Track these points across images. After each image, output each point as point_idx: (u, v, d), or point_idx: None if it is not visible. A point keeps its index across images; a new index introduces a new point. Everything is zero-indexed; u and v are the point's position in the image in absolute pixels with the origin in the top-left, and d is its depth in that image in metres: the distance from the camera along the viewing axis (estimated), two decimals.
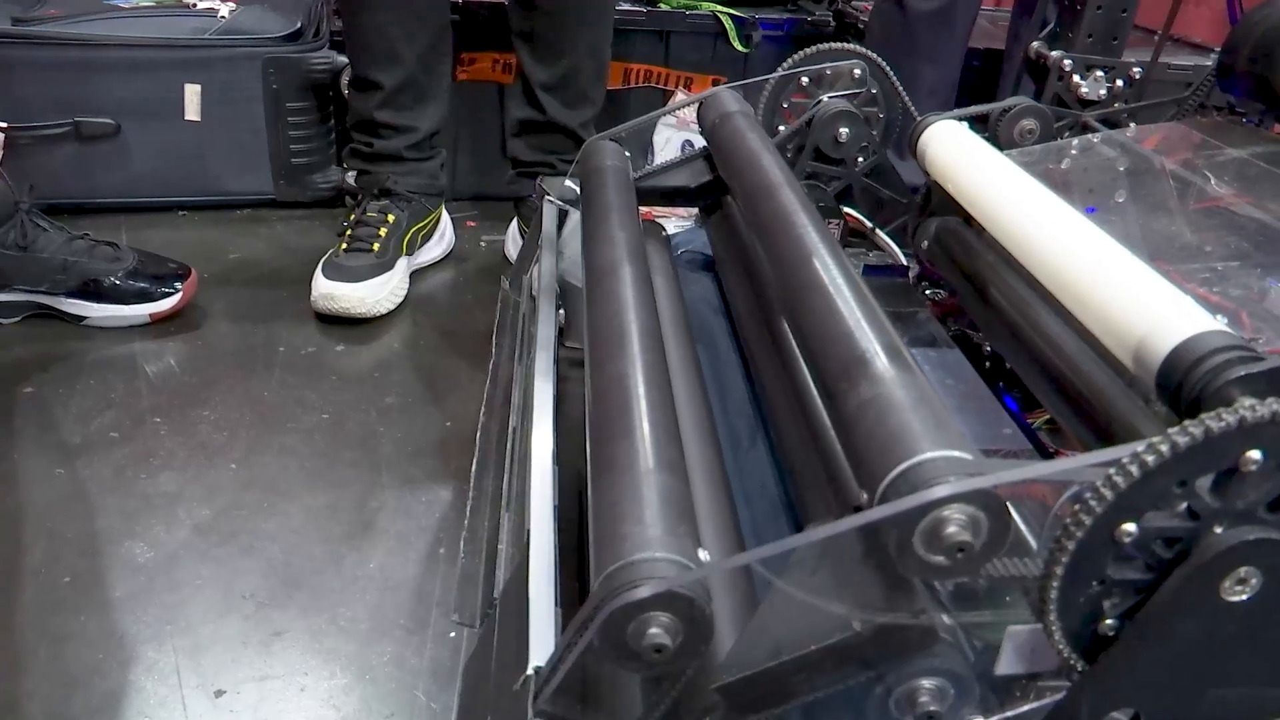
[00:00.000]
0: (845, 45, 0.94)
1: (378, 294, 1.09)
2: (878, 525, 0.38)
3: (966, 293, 0.81)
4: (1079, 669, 0.41)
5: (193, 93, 1.25)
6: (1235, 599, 0.38)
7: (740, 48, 1.40)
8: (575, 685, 0.43)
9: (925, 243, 0.89)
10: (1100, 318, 0.56)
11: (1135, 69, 0.90)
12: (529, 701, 0.41)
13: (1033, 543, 0.48)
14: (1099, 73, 0.89)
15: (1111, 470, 0.36)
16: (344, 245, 1.12)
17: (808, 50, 0.94)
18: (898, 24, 1.22)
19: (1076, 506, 0.37)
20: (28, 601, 0.71)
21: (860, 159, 0.95)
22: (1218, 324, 0.50)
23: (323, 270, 1.10)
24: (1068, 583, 0.39)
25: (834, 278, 0.56)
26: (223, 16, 1.27)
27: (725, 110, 0.88)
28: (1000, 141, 0.87)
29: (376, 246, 1.11)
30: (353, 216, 1.16)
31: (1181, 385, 0.49)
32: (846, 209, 0.96)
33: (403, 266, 1.14)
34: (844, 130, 0.92)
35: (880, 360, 0.47)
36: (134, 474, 0.84)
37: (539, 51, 1.18)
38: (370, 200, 1.16)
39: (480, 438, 0.73)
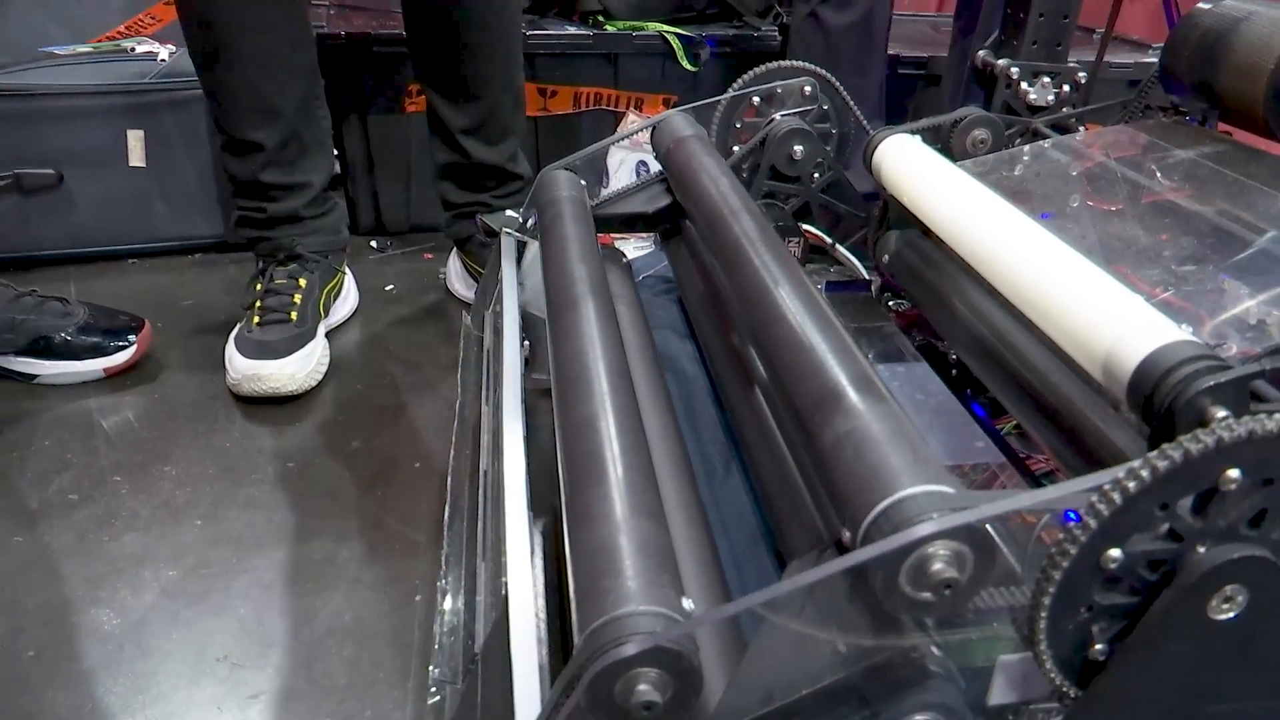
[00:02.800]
0: (795, 64, 0.94)
1: (305, 366, 1.02)
2: (863, 566, 0.38)
3: (929, 305, 0.81)
4: (1071, 695, 0.41)
5: (136, 138, 1.22)
6: (1223, 617, 0.38)
7: (689, 66, 1.41)
8: None
9: (886, 256, 0.90)
10: (1065, 330, 0.56)
11: (1080, 73, 0.91)
12: None
13: (1018, 568, 0.48)
14: (1045, 79, 0.91)
15: (1094, 498, 0.36)
16: (256, 319, 1.03)
17: (757, 70, 0.94)
18: (818, 39, 1.24)
19: (1061, 535, 0.37)
20: None
21: (816, 175, 0.95)
22: (1183, 333, 0.50)
23: (237, 348, 1.01)
24: (1056, 611, 0.38)
25: (798, 307, 0.56)
26: (163, 60, 1.24)
27: (678, 135, 0.87)
28: (953, 152, 0.87)
29: (294, 315, 1.03)
30: (259, 286, 1.07)
31: (1152, 397, 0.49)
32: (806, 226, 0.97)
33: (322, 332, 1.09)
34: (798, 148, 0.92)
35: (852, 393, 0.47)
36: (96, 537, 0.82)
37: (452, 97, 1.13)
38: (276, 267, 1.08)
39: (451, 481, 0.72)
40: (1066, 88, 0.92)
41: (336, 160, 1.36)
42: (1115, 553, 0.37)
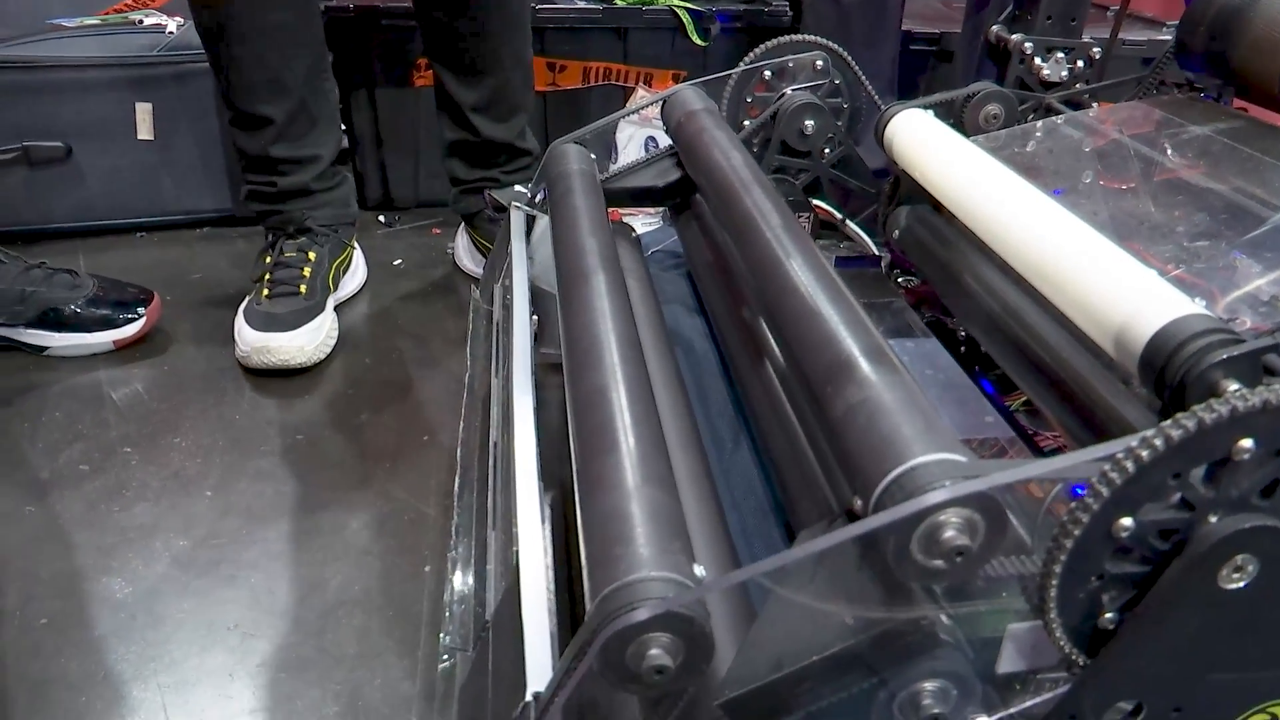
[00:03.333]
0: (807, 37, 0.93)
1: (314, 339, 1.02)
2: (875, 533, 0.38)
3: (939, 280, 0.81)
4: (1080, 663, 0.41)
5: (144, 111, 1.22)
6: (1233, 586, 0.38)
7: (699, 41, 1.40)
8: (574, 709, 0.42)
9: (896, 232, 0.89)
10: (1078, 304, 0.56)
11: (1095, 49, 0.90)
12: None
13: (1028, 539, 0.48)
14: (1059, 54, 0.90)
15: (1107, 467, 0.36)
16: (265, 291, 1.03)
17: (769, 44, 0.93)
18: (831, 13, 1.23)
19: (1073, 504, 0.37)
20: (4, 646, 0.69)
21: (827, 150, 0.95)
22: (1196, 307, 0.50)
23: (246, 320, 1.01)
24: (1067, 580, 0.38)
25: (811, 279, 0.55)
26: (171, 32, 1.24)
27: (689, 108, 0.87)
28: (966, 127, 0.87)
29: (304, 289, 1.03)
30: (268, 259, 1.07)
31: (1165, 371, 0.49)
32: (816, 201, 0.96)
33: (331, 305, 1.08)
34: (809, 122, 0.92)
35: (865, 362, 0.46)
36: (107, 507, 0.83)
37: (462, 74, 1.12)
38: (286, 240, 1.08)
39: (461, 453, 0.72)
40: (1080, 63, 0.91)
41: (345, 134, 1.37)
42: (1127, 521, 0.37)
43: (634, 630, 0.38)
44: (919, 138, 0.80)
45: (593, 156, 0.90)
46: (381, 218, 1.40)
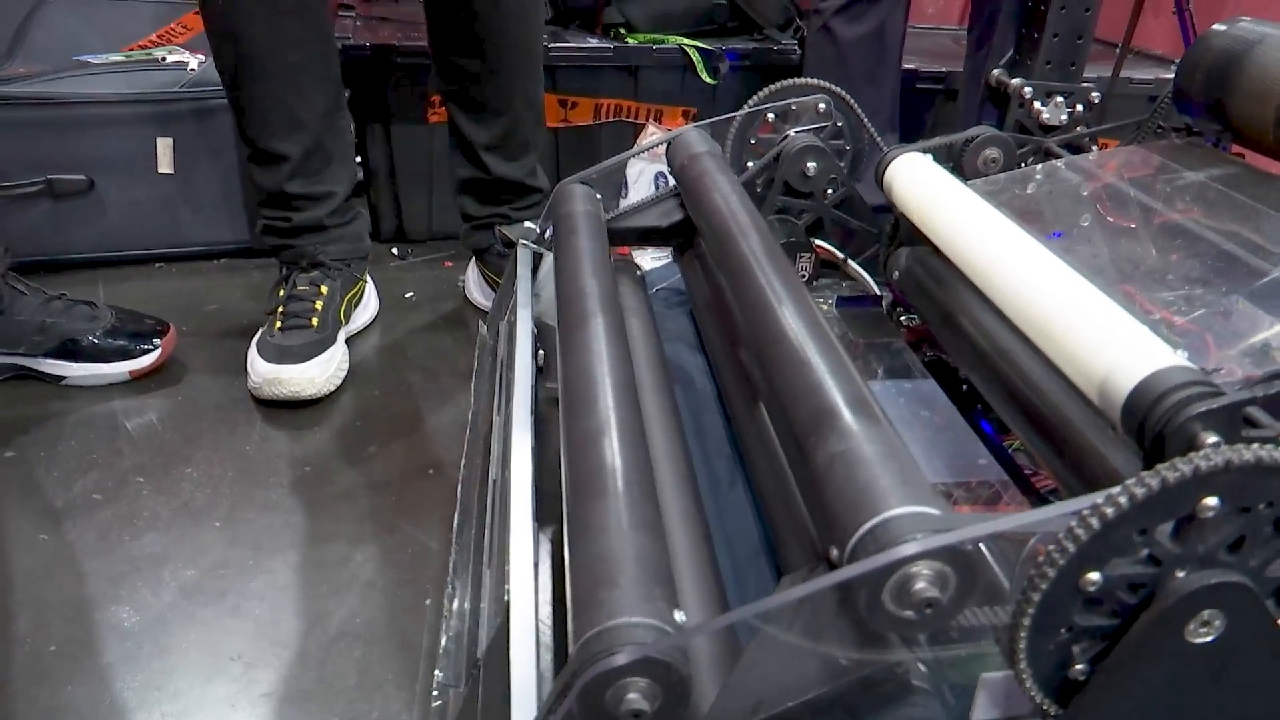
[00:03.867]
0: (810, 80, 0.95)
1: (325, 371, 1.04)
2: (849, 583, 0.39)
3: (936, 322, 0.82)
4: (1053, 714, 0.42)
5: (165, 146, 1.25)
6: (1201, 640, 0.39)
7: (708, 79, 1.42)
8: None
9: (896, 273, 0.90)
10: (1064, 352, 0.57)
11: (1094, 93, 0.91)
12: None
13: (1006, 585, 0.49)
14: (1059, 98, 0.91)
15: (1074, 523, 0.37)
16: (279, 324, 1.05)
17: (773, 86, 0.95)
18: (831, 52, 1.25)
19: (1040, 559, 0.38)
20: (14, 672, 0.70)
21: (830, 191, 0.96)
22: (1178, 358, 0.51)
23: (259, 352, 1.03)
24: (1036, 631, 0.39)
25: (800, 326, 0.57)
26: (192, 69, 1.27)
27: (693, 151, 0.89)
28: (964, 171, 0.88)
29: (315, 322, 1.05)
30: (282, 293, 1.09)
31: (1145, 422, 0.49)
32: (818, 242, 0.98)
33: (342, 338, 1.10)
34: (811, 164, 0.94)
35: (847, 414, 0.48)
36: (118, 536, 0.84)
37: (475, 114, 1.15)
38: (299, 273, 1.10)
39: (461, 490, 0.74)
40: (1080, 107, 0.92)
41: (360, 168, 1.40)
42: (1094, 576, 0.38)
43: (612, 675, 0.39)
44: (918, 181, 0.82)
45: (598, 196, 0.92)
46: (395, 250, 1.43)
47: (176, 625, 0.75)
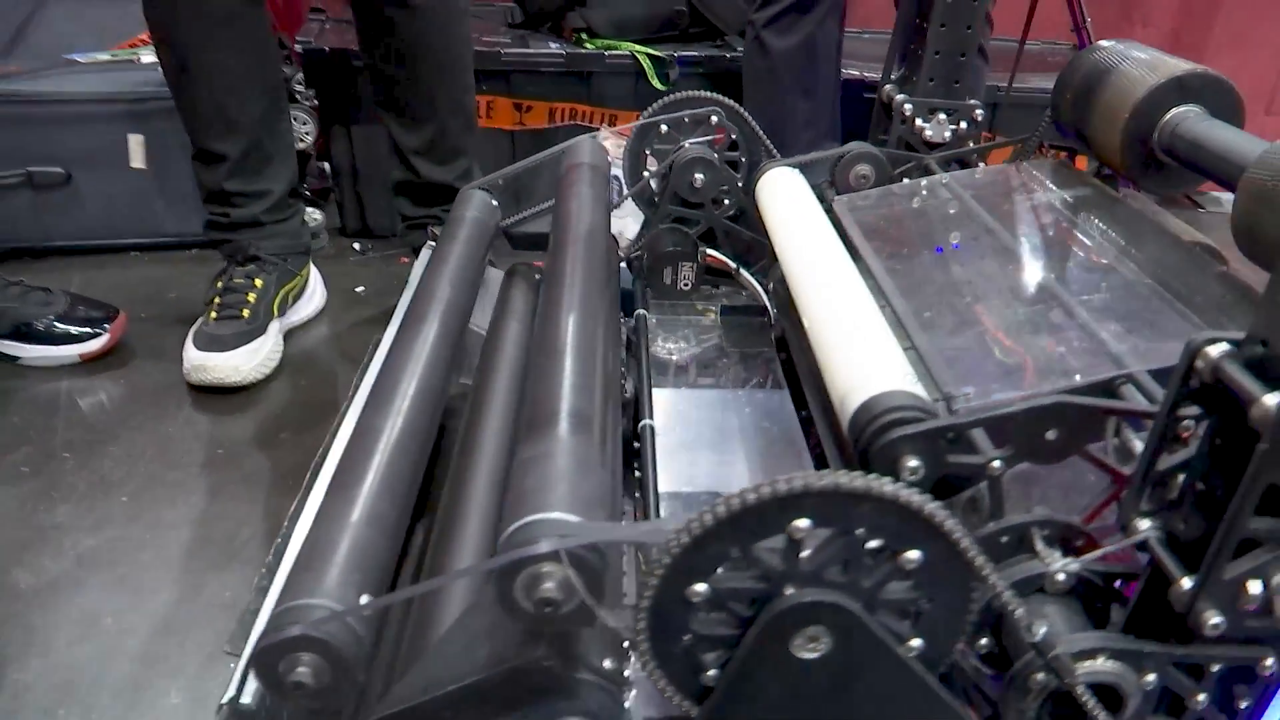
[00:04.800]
0: (703, 94, 0.98)
1: (251, 360, 1.10)
2: (488, 574, 0.43)
3: (789, 335, 0.85)
4: (693, 715, 0.45)
5: (136, 142, 1.33)
6: (808, 656, 0.42)
7: (659, 85, 1.45)
8: (262, 712, 0.48)
9: (772, 284, 0.93)
10: (826, 374, 0.60)
11: (978, 110, 0.92)
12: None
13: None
14: (941, 115, 0.92)
15: (672, 537, 0.41)
16: (213, 314, 1.12)
17: (666, 99, 0.98)
18: (763, 63, 1.27)
19: (643, 570, 0.41)
20: None
21: (727, 201, 0.99)
22: (906, 384, 0.54)
23: (193, 340, 1.10)
24: (656, 636, 0.43)
25: (570, 340, 0.60)
26: None
27: (573, 160, 0.93)
28: (838, 186, 0.90)
29: (246, 313, 1.12)
30: (219, 284, 1.15)
31: (857, 442, 0.52)
32: (710, 251, 1.00)
33: (274, 330, 1.16)
34: (699, 176, 0.97)
35: (562, 423, 0.51)
36: (33, 506, 0.92)
37: (403, 120, 1.21)
38: (235, 267, 1.16)
39: (308, 476, 0.79)
40: (964, 124, 0.93)
41: (327, 165, 1.46)
42: (700, 587, 0.41)
43: (280, 647, 0.44)
44: (772, 195, 0.84)
45: (494, 203, 0.96)
46: (356, 245, 1.49)
47: (65, 590, 0.82)
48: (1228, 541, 0.43)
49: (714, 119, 0.98)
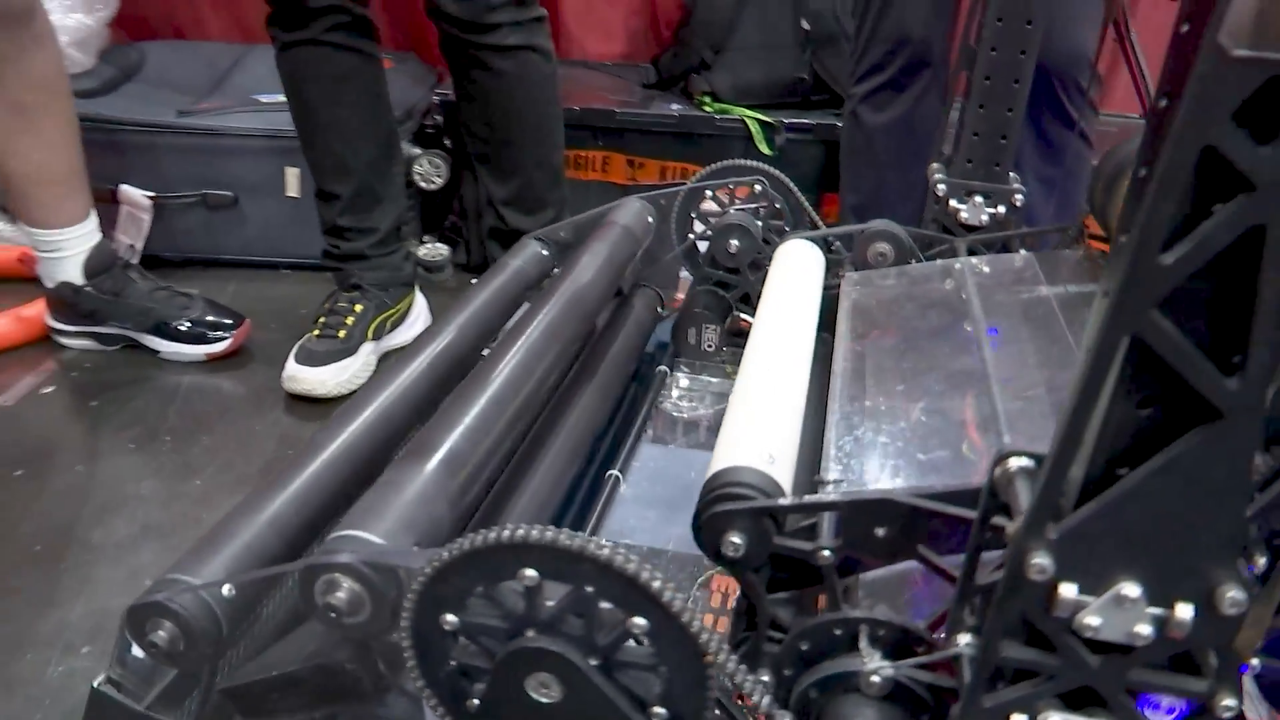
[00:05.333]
0: (748, 163, 1.00)
1: (338, 377, 1.21)
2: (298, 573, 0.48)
3: None
4: None
5: (292, 174, 1.52)
6: (544, 700, 0.44)
7: (766, 150, 1.48)
8: (142, 673, 0.56)
9: None
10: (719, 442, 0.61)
11: (1018, 195, 0.88)
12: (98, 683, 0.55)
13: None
14: (978, 198, 0.89)
15: (426, 565, 0.44)
16: (316, 331, 1.25)
17: (713, 166, 1.02)
18: (859, 138, 1.26)
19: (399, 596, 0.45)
20: None
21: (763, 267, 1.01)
22: (762, 464, 0.54)
23: (295, 353, 1.24)
24: (424, 660, 0.46)
25: (493, 385, 0.65)
26: None
27: (610, 219, 0.98)
28: (855, 263, 0.90)
29: (343, 334, 1.24)
30: (326, 306, 1.29)
31: (698, 512, 0.54)
32: (744, 315, 1.02)
33: (366, 351, 1.27)
34: (734, 242, 0.99)
35: (429, 458, 0.56)
36: (127, 478, 1.07)
37: (493, 172, 1.32)
38: (341, 292, 1.30)
39: None
40: (1002, 208, 0.90)
41: (456, 205, 1.59)
42: (451, 618, 0.45)
43: (143, 610, 0.51)
44: (777, 264, 0.86)
45: (544, 252, 1.02)
46: (474, 280, 1.61)
47: (125, 551, 0.96)
48: (984, 666, 0.41)
49: (757, 188, 1.01)
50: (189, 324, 1.29)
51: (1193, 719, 0.40)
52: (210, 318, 1.30)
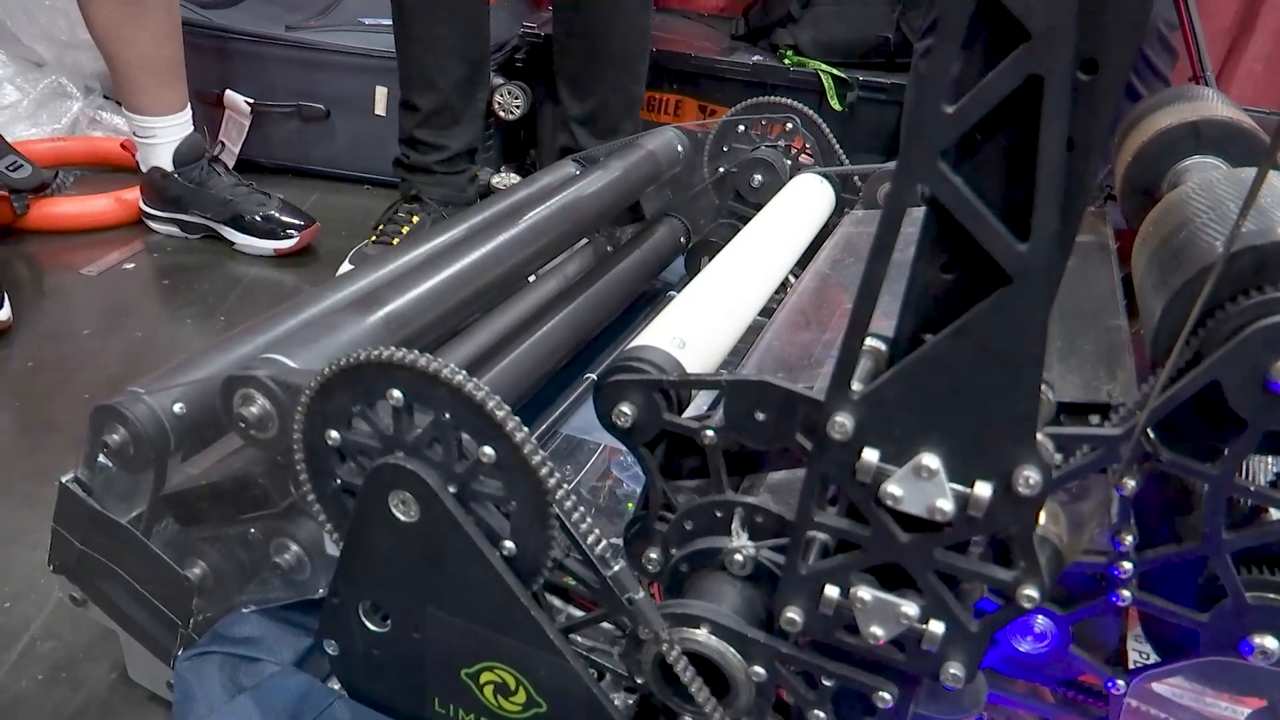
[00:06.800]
0: (781, 100, 1.00)
1: None
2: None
3: None
4: None
5: (381, 93, 1.59)
6: (404, 518, 0.47)
7: (837, 106, 1.46)
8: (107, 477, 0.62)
9: None
10: None
11: None
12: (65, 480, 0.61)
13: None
14: None
15: (313, 381, 0.48)
16: (372, 238, 1.31)
17: (747, 102, 1.02)
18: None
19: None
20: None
21: None
22: (664, 346, 0.56)
23: (351, 256, 1.31)
24: (314, 476, 0.50)
25: (459, 263, 0.69)
26: None
27: (638, 141, 1.00)
28: (864, 202, 0.89)
29: (396, 241, 1.29)
30: (386, 214, 1.34)
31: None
32: None
33: None
34: (758, 176, 0.99)
35: (371, 312, 0.60)
36: (179, 347, 1.16)
37: (572, 87, 1.34)
38: (402, 203, 1.35)
39: None
40: None
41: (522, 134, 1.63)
42: (334, 434, 0.48)
43: (101, 414, 0.57)
44: (783, 195, 0.86)
45: (575, 172, 1.05)
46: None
47: None
48: (799, 532, 0.42)
49: (788, 126, 1.00)
50: (262, 219, 1.37)
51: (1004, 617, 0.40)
52: (284, 217, 1.38)
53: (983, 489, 0.37)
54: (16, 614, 0.75)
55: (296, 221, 1.39)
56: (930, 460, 0.37)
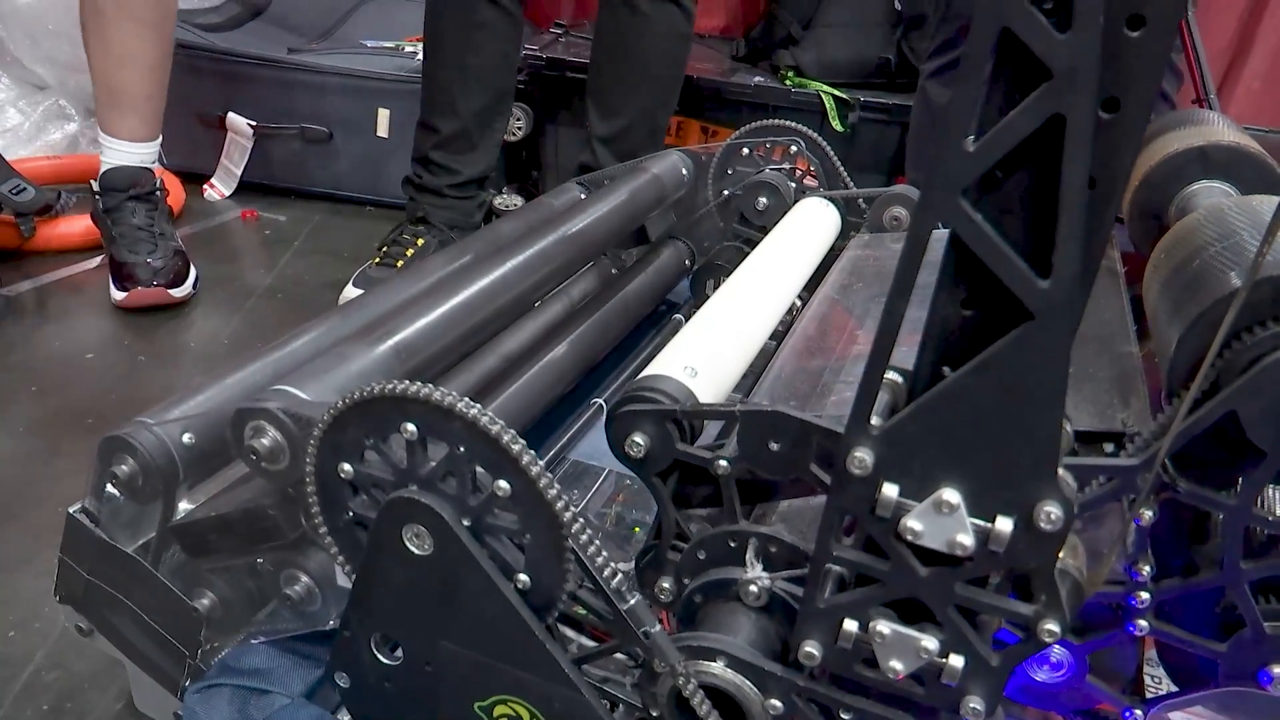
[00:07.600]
0: (785, 123, 1.00)
1: None
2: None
3: None
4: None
5: (384, 115, 1.59)
6: (417, 551, 0.47)
7: (839, 127, 1.46)
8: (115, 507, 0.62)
9: None
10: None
11: None
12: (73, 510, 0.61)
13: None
14: None
15: (325, 414, 0.48)
16: (377, 259, 1.32)
17: (751, 125, 1.02)
18: (925, 113, 1.23)
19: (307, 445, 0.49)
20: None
21: None
22: (675, 375, 0.55)
23: (355, 278, 1.30)
24: (326, 508, 0.50)
25: (465, 291, 0.69)
26: (418, 59, 1.60)
27: (643, 165, 1.00)
28: (870, 226, 0.89)
29: (400, 264, 1.29)
30: (391, 235, 1.35)
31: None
32: None
33: None
34: (763, 199, 0.99)
35: (381, 343, 0.60)
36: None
37: (599, 107, 1.35)
38: (408, 224, 1.35)
39: None
40: None
41: (529, 159, 1.64)
42: (347, 467, 0.48)
43: (110, 444, 0.56)
44: (789, 218, 0.86)
45: (582, 195, 1.06)
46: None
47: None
48: (817, 566, 0.42)
49: (792, 149, 1.01)
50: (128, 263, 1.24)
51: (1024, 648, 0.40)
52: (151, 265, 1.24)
53: (1004, 524, 0.36)
54: (21, 643, 0.74)
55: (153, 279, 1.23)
56: (951, 495, 0.37)
